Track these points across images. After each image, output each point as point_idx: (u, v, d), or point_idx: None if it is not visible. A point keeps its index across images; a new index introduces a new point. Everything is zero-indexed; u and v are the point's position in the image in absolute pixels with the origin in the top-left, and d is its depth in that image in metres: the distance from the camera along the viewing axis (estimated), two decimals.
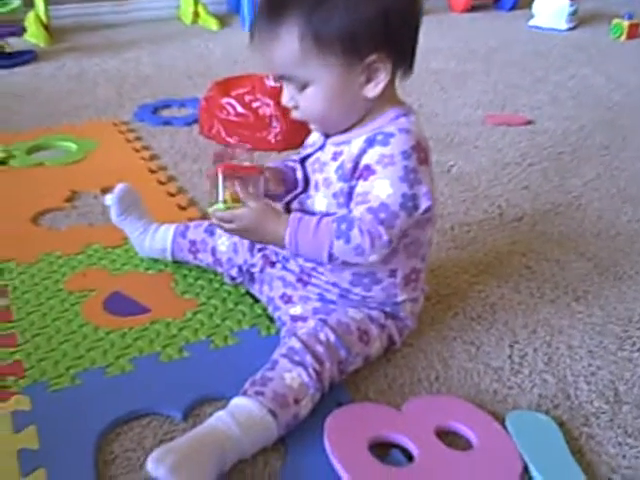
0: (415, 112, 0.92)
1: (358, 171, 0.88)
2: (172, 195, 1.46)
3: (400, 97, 0.93)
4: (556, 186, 1.54)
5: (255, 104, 1.74)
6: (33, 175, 1.56)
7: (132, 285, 1.15)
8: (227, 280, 1.12)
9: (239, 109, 1.75)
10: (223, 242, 1.12)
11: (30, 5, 2.74)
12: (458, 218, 1.39)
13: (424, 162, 0.88)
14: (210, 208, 0.92)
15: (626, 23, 2.85)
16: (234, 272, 1.09)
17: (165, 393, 0.90)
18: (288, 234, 0.87)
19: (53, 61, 2.50)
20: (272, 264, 1.04)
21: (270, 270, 1.03)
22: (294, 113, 0.91)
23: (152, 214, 1.22)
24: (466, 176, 1.58)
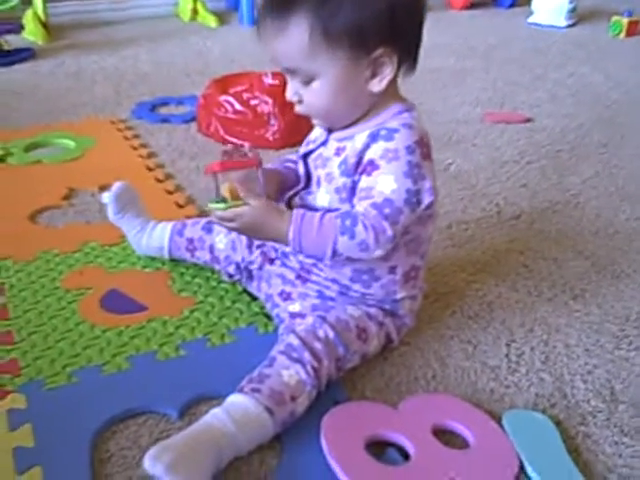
0: (416, 108, 0.92)
1: (362, 166, 0.88)
2: (170, 193, 1.46)
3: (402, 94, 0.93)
4: (554, 184, 1.54)
5: (253, 102, 1.74)
6: (31, 173, 1.56)
7: (129, 283, 1.14)
8: (225, 278, 1.11)
9: (237, 107, 1.74)
10: (221, 240, 1.11)
11: (28, 3, 2.74)
12: (456, 216, 1.39)
13: (427, 157, 0.88)
14: (210, 206, 0.91)
15: (625, 20, 2.84)
16: (232, 269, 1.09)
17: (161, 391, 0.90)
18: (292, 231, 0.86)
19: (51, 59, 2.50)
20: (271, 261, 1.03)
21: (269, 267, 1.03)
22: (298, 107, 0.91)
23: (149, 212, 1.22)
24: (464, 174, 1.58)
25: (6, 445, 0.81)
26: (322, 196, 0.93)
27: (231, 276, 1.10)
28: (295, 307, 0.97)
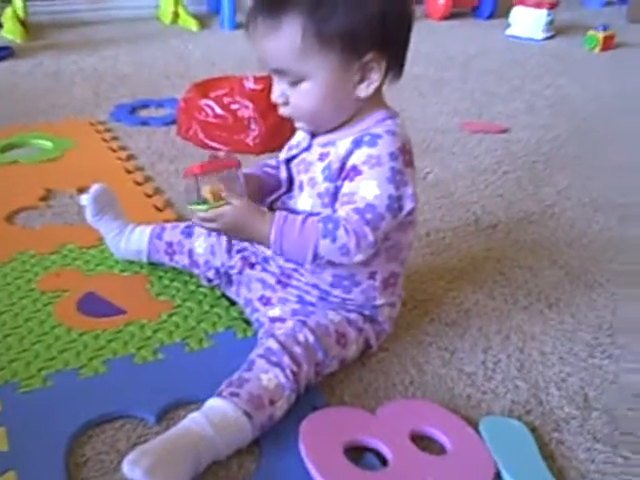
0: (400, 116, 0.93)
1: (345, 171, 0.88)
2: (149, 196, 1.45)
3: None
4: (530, 194, 1.56)
5: (234, 106, 1.74)
6: (7, 173, 1.55)
7: (107, 286, 1.14)
8: (204, 282, 1.11)
9: (218, 111, 1.74)
10: (200, 244, 1.11)
11: (7, 1, 2.71)
12: (434, 224, 1.40)
13: (409, 164, 0.89)
14: (191, 208, 0.90)
15: (601, 35, 2.90)
16: (211, 274, 1.09)
17: (139, 396, 0.89)
18: (273, 232, 0.86)
19: (30, 58, 2.47)
20: (251, 265, 1.03)
21: (249, 272, 1.03)
22: (283, 109, 0.91)
23: (128, 215, 1.22)
24: (442, 182, 1.59)
25: None
26: (304, 200, 0.94)
27: (210, 281, 1.10)
28: (275, 312, 0.98)
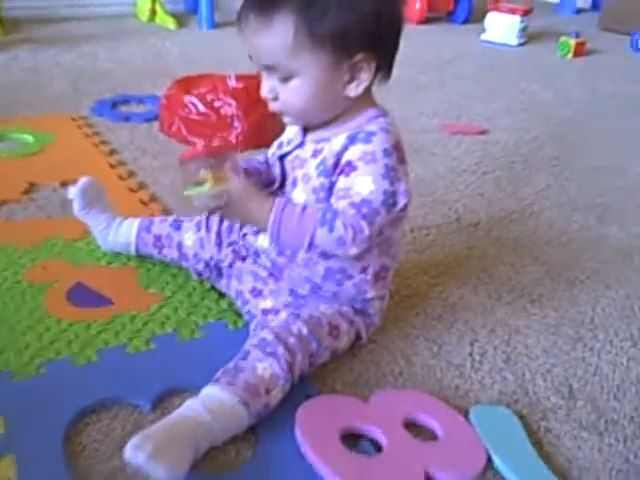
0: (389, 114, 0.95)
1: (339, 167, 0.90)
2: (133, 191, 1.45)
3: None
4: (509, 194, 1.60)
5: (217, 103, 1.75)
6: None
7: (95, 277, 1.13)
8: (193, 275, 1.12)
9: (201, 108, 1.75)
10: (189, 237, 1.12)
11: None
12: (417, 222, 1.42)
13: (402, 161, 0.91)
14: (189, 193, 0.88)
15: (573, 42, 2.96)
16: (201, 267, 1.10)
17: (133, 383, 0.89)
18: (273, 215, 0.87)
19: (5, 52, 2.45)
20: (243, 259, 1.04)
21: (240, 264, 1.04)
22: (272, 105, 0.92)
23: (114, 209, 1.21)
24: (423, 182, 1.62)
25: None
26: (298, 195, 0.95)
27: (200, 274, 1.10)
28: (267, 304, 0.99)
